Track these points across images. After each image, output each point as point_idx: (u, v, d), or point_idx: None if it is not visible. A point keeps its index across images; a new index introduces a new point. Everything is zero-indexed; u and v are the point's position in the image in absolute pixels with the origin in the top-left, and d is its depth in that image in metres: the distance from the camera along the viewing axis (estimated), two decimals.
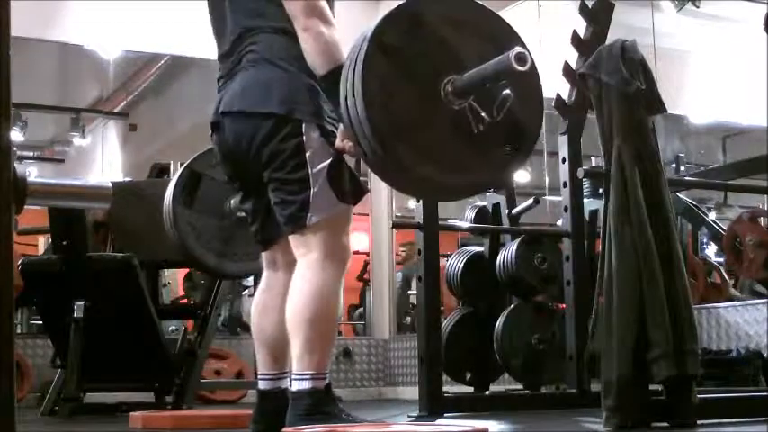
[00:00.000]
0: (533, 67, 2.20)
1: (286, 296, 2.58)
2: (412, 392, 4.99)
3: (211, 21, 2.78)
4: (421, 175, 2.25)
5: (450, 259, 5.16)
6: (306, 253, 2.53)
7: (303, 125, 2.51)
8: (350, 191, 2.55)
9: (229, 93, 2.63)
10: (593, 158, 5.28)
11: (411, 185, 2.57)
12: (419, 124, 2.22)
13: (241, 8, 2.66)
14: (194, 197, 4.01)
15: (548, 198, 6.56)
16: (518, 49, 2.13)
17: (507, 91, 2.24)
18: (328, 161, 2.51)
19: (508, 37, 2.33)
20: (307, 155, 2.50)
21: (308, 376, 2.48)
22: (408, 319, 7.95)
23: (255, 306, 2.77)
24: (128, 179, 6.86)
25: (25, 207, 1.24)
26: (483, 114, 2.22)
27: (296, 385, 2.50)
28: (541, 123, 2.38)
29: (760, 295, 6.04)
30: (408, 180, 2.36)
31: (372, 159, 2.24)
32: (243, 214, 3.11)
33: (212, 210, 4.00)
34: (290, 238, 2.57)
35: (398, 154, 2.20)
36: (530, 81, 2.30)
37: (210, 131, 2.71)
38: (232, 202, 3.88)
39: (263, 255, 2.80)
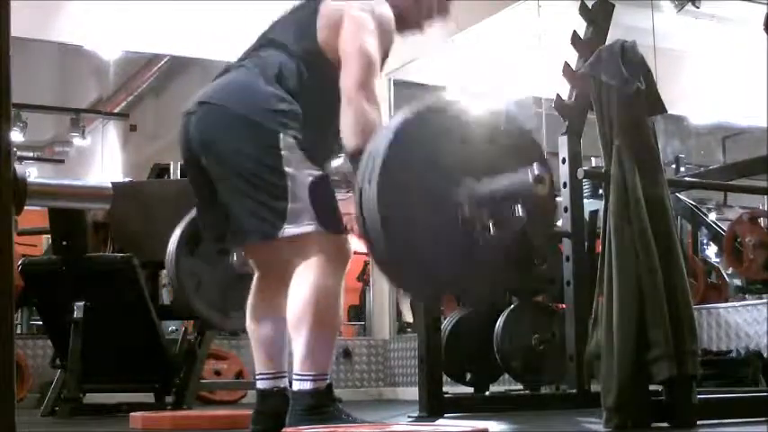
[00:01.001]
0: (552, 189, 2.21)
1: (276, 297, 2.60)
2: (412, 393, 4.98)
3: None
4: (421, 281, 2.26)
5: None
6: (306, 255, 2.50)
7: (280, 136, 2.45)
8: (331, 217, 2.48)
9: (213, 85, 2.62)
10: (593, 158, 5.28)
11: (410, 288, 2.59)
12: (430, 232, 2.20)
13: (281, 24, 2.68)
14: (198, 248, 3.92)
15: None
16: (537, 169, 2.12)
17: (521, 214, 2.21)
18: (310, 179, 2.45)
19: (530, 148, 2.31)
20: (285, 169, 2.43)
21: (309, 377, 2.48)
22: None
23: (248, 308, 2.76)
24: (128, 179, 6.85)
25: (25, 207, 1.24)
26: (491, 230, 2.20)
27: (297, 385, 2.50)
28: (547, 240, 2.39)
29: (749, 292, 6.05)
30: (407, 283, 2.37)
31: (377, 254, 2.22)
32: (246, 271, 3.02)
33: (216, 262, 3.91)
34: (288, 241, 2.48)
35: (404, 258, 2.19)
36: (544, 199, 2.26)
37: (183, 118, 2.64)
38: (235, 256, 3.78)
39: (249, 259, 2.79)
